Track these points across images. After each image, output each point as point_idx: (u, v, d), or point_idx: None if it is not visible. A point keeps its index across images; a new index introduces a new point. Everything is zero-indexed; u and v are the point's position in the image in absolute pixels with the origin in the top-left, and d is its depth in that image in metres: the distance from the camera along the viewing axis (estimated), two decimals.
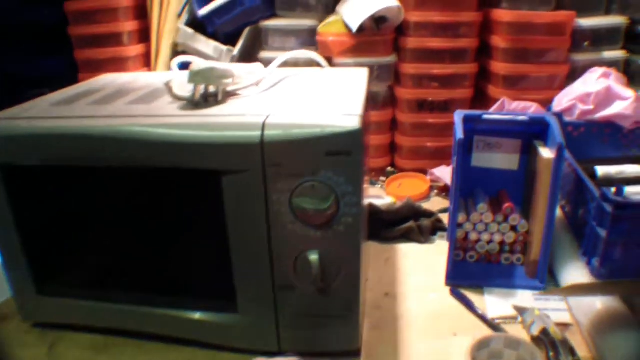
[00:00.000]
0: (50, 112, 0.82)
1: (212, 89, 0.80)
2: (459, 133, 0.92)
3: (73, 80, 1.40)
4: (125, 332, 0.87)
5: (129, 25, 1.49)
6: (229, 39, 1.44)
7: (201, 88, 0.79)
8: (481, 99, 1.42)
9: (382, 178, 1.43)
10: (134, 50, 1.50)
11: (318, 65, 1.08)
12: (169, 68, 1.43)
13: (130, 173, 0.75)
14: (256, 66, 0.93)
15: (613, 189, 0.82)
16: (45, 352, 0.86)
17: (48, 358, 0.85)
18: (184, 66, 1.18)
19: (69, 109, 0.83)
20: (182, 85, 0.84)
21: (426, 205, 1.26)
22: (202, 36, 1.43)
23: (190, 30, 1.43)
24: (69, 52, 1.56)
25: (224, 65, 0.80)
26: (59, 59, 1.64)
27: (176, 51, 1.47)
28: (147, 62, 1.53)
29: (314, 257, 0.71)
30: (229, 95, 0.82)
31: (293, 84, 0.93)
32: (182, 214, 0.77)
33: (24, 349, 0.87)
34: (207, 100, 0.80)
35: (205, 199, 0.74)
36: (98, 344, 0.87)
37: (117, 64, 1.49)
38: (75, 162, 0.76)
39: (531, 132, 0.98)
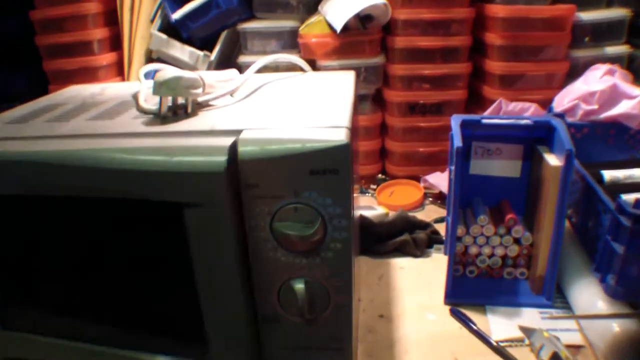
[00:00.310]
0: (3, 132, 0.74)
1: (180, 100, 0.72)
2: (457, 140, 0.85)
3: (43, 93, 1.34)
4: None
5: (98, 33, 1.43)
6: (206, 44, 1.38)
7: (168, 100, 0.71)
8: (476, 101, 1.37)
9: (373, 186, 1.37)
10: (105, 59, 1.45)
11: (300, 69, 1.01)
12: None
13: (85, 202, 0.67)
14: (231, 72, 0.86)
15: (632, 199, 0.76)
16: None
17: None
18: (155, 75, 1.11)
19: (23, 128, 0.76)
20: (151, 96, 0.76)
21: (420, 215, 1.21)
22: (176, 42, 1.38)
23: (163, 36, 1.37)
24: (37, 63, 1.49)
25: (192, 74, 0.72)
26: (27, 71, 1.58)
27: (150, 58, 1.42)
28: (119, 71, 1.48)
29: (299, 286, 0.64)
30: (200, 106, 0.75)
31: (272, 91, 0.86)
32: (139, 248, 0.69)
33: None
34: (176, 112, 0.72)
35: (166, 232, 0.65)
36: None
37: (89, 74, 1.43)
38: (21, 190, 0.68)
39: (534, 137, 0.93)
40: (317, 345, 0.69)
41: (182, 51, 1.36)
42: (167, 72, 0.70)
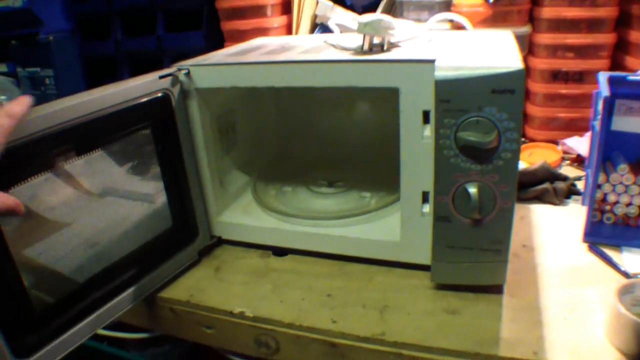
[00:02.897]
0: (230, 60, 0.91)
1: (376, 40, 0.87)
2: (604, 91, 0.94)
3: (219, 49, 1.53)
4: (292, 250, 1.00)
5: None
6: (365, 11, 1.50)
7: (367, 38, 0.86)
8: (618, 71, 1.36)
9: None
10: (276, 21, 1.61)
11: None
12: None
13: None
14: (409, 23, 0.99)
15: None
16: (212, 274, 0.97)
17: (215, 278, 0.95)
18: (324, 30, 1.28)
19: (245, 58, 0.92)
20: (343, 40, 0.91)
21: None
22: (340, 8, 1.51)
23: (329, 3, 1.51)
24: (211, 24, 1.70)
25: (389, 17, 0.86)
26: (204, 31, 1.78)
27: (315, 23, 1.56)
28: (288, 32, 1.64)
29: (473, 189, 0.76)
30: (392, 45, 0.89)
31: (447, 39, 0.97)
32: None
33: (195, 270, 0.99)
34: (372, 50, 0.86)
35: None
36: (259, 270, 0.97)
37: (260, 34, 1.58)
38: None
39: None
40: (480, 246, 0.80)
41: (344, 17, 1.49)
42: (370, 15, 0.85)
